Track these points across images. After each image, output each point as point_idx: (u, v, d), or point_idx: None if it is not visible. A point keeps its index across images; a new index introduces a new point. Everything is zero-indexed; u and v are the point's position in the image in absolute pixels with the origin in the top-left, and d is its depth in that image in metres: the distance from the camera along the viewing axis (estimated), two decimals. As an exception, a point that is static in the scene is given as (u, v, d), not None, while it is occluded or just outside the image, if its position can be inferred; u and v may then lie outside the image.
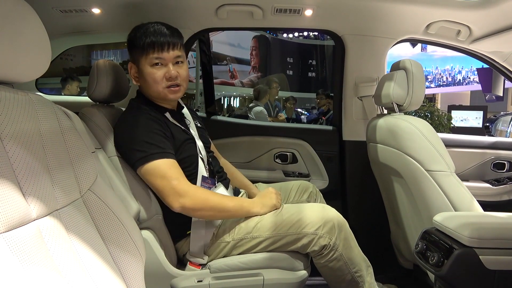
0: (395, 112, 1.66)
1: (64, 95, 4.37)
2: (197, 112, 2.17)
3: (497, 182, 2.23)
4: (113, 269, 0.80)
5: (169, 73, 1.46)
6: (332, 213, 1.43)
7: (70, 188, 0.77)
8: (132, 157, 1.38)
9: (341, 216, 1.44)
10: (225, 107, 18.17)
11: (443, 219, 1.19)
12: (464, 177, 2.23)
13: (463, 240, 1.08)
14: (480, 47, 2.12)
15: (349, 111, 2.22)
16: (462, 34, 2.03)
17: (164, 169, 1.35)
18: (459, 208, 1.36)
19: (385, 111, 1.83)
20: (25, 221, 0.62)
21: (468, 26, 1.98)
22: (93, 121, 1.49)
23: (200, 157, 1.54)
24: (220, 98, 18.20)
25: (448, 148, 1.47)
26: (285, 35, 14.49)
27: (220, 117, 2.54)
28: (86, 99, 3.44)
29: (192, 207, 1.35)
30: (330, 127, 2.39)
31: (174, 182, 1.33)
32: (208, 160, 1.59)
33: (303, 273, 1.44)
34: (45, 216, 0.67)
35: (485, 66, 2.47)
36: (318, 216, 1.41)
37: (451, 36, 2.10)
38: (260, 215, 1.45)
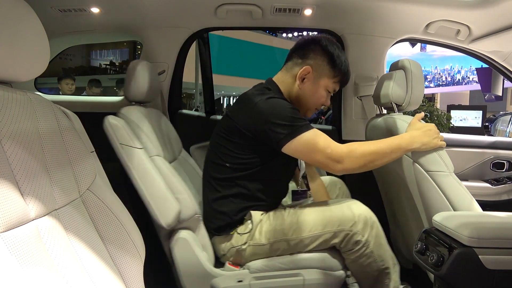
0: (394, 112, 1.66)
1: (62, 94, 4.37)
2: (196, 112, 2.17)
3: (496, 181, 2.23)
4: (112, 269, 0.79)
5: (326, 103, 1.57)
6: (364, 210, 1.43)
7: (69, 188, 0.77)
8: (279, 132, 1.34)
9: (372, 212, 1.44)
10: (225, 107, 18.16)
11: (443, 219, 1.19)
12: (463, 177, 2.23)
13: (462, 240, 1.08)
14: (479, 47, 2.12)
15: (348, 111, 2.22)
16: (462, 34, 2.03)
17: (315, 141, 1.34)
18: (458, 208, 1.36)
19: (384, 111, 1.83)
20: (23, 221, 0.62)
21: (467, 26, 1.97)
22: (133, 121, 1.49)
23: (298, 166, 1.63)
24: (220, 98, 18.20)
25: (447, 148, 1.47)
26: (284, 34, 14.49)
27: (219, 117, 2.54)
28: (85, 98, 3.44)
29: (353, 168, 1.36)
30: (329, 127, 2.39)
31: (328, 151, 1.33)
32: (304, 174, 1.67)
33: (341, 273, 1.45)
34: (44, 216, 0.67)
35: (485, 65, 2.47)
36: (352, 213, 1.41)
37: (451, 36, 2.09)
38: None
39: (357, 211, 1.41)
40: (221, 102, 18.69)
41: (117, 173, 2.21)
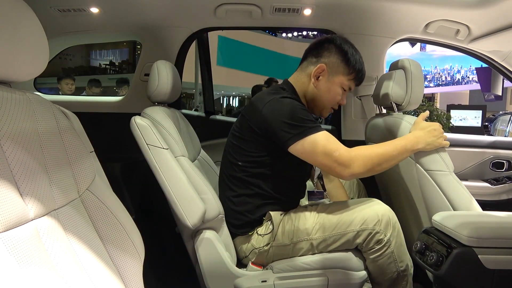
0: (394, 112, 1.66)
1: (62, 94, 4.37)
2: (195, 112, 2.17)
3: (496, 181, 2.23)
4: (111, 269, 0.79)
5: (342, 102, 1.57)
6: (387, 209, 1.42)
7: (68, 188, 0.77)
8: (288, 131, 1.35)
9: (393, 212, 1.43)
10: (224, 106, 18.17)
11: (442, 218, 1.19)
12: (463, 177, 2.23)
13: (462, 240, 1.08)
14: (479, 46, 2.12)
15: (348, 111, 2.22)
16: (461, 34, 2.03)
17: (322, 143, 1.34)
18: (458, 207, 1.36)
19: (384, 111, 1.83)
20: (22, 221, 0.62)
21: (467, 26, 1.97)
22: (158, 121, 1.50)
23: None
24: (220, 98, 18.21)
25: (447, 148, 1.47)
26: (284, 34, 14.49)
27: (219, 117, 2.54)
28: (85, 98, 3.44)
29: (360, 172, 1.35)
30: (329, 127, 2.39)
31: (335, 154, 1.33)
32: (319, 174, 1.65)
33: (363, 273, 1.45)
34: (43, 216, 0.67)
35: (484, 65, 2.47)
36: (375, 212, 1.40)
37: (450, 36, 2.09)
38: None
39: (380, 210, 1.40)
40: (221, 102, 18.70)
41: (117, 173, 2.22)
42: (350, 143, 2.20)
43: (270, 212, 1.46)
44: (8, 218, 0.58)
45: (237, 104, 18.77)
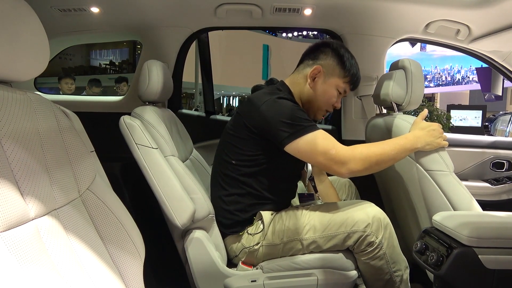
0: (394, 112, 1.66)
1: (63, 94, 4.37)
2: (195, 112, 2.17)
3: (496, 181, 2.23)
4: (112, 268, 0.79)
5: (337, 105, 1.57)
6: (378, 211, 1.42)
7: (69, 188, 0.77)
8: (284, 130, 1.35)
9: (385, 214, 1.43)
10: (224, 106, 18.19)
11: (442, 218, 1.19)
12: (463, 177, 2.23)
13: (462, 240, 1.08)
14: (479, 47, 2.12)
15: (348, 111, 2.22)
16: (462, 34, 2.03)
17: (319, 142, 1.34)
18: (458, 207, 1.36)
19: (384, 111, 1.83)
20: (23, 221, 0.62)
21: (467, 26, 1.98)
22: (148, 120, 1.50)
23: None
24: (220, 98, 18.22)
25: (447, 148, 1.47)
26: (284, 34, 14.51)
27: (219, 116, 2.54)
28: (85, 98, 3.44)
29: (358, 170, 1.34)
30: (329, 127, 2.39)
31: (332, 153, 1.33)
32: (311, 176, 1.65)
33: (354, 273, 1.45)
34: (44, 215, 0.67)
35: (484, 65, 2.47)
36: (366, 214, 1.40)
37: (451, 36, 2.09)
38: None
39: (371, 212, 1.40)
40: (221, 102, 18.70)
41: (117, 173, 2.22)
42: (350, 143, 2.19)
43: (261, 211, 1.46)
44: (9, 218, 0.58)
45: (237, 104, 18.79)
